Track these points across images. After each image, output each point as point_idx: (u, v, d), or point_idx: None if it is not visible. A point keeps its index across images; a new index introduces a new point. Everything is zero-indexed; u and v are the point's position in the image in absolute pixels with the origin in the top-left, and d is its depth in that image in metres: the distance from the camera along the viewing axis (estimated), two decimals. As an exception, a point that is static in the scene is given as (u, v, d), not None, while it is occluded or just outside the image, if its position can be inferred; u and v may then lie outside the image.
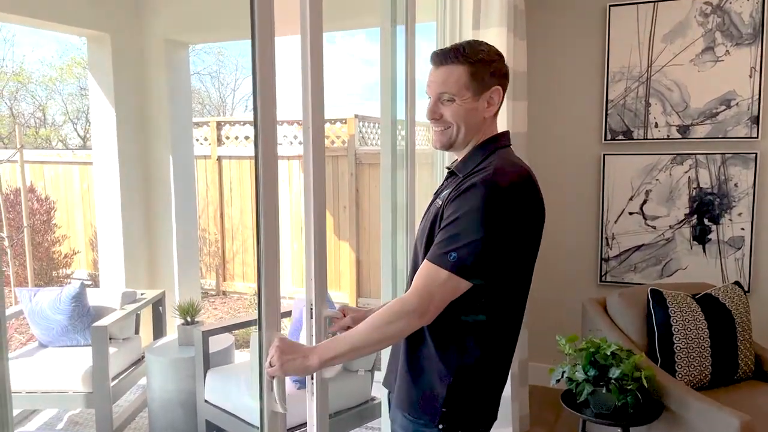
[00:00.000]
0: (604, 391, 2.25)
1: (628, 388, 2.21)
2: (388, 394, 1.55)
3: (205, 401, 3.06)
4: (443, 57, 1.39)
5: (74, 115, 13.56)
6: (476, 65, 1.36)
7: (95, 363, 3.11)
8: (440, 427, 1.35)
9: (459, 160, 1.45)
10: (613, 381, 2.22)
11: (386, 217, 2.21)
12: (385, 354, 2.08)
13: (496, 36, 2.50)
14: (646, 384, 2.19)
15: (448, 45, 2.10)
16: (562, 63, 3.50)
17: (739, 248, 3.21)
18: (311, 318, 1.47)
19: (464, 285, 1.27)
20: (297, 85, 1.61)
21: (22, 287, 3.55)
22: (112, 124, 4.21)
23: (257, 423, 2.73)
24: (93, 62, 4.24)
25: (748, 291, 3.21)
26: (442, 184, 1.49)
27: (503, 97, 1.42)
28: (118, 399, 3.48)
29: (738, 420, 2.05)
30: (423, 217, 1.48)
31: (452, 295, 1.29)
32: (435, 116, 1.40)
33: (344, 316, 1.53)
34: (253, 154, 1.28)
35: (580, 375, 2.28)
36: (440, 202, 1.37)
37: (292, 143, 6.29)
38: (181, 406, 3.19)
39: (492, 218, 1.26)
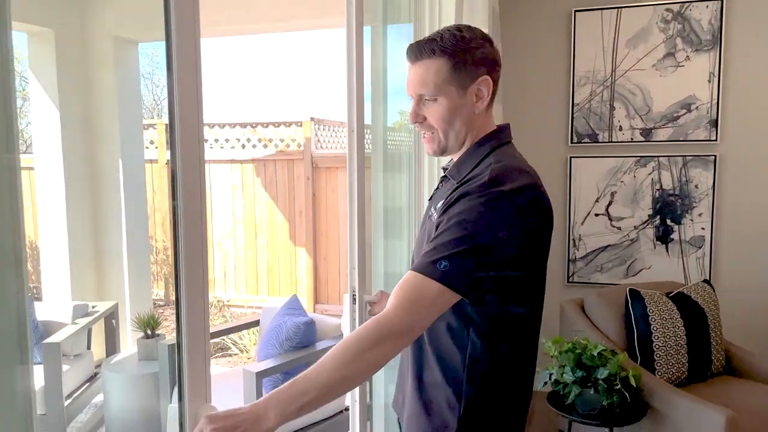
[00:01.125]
0: (591, 391, 2.26)
1: (616, 387, 2.22)
2: (398, 418, 1.42)
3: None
4: (418, 51, 1.21)
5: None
6: (457, 55, 1.19)
7: (47, 382, 2.88)
8: None
9: (454, 161, 1.30)
10: (600, 381, 2.23)
11: (378, 222, 2.14)
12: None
13: (476, 37, 2.48)
14: (634, 383, 2.21)
15: None
16: (529, 67, 3.53)
17: (700, 247, 3.33)
18: (354, 303, 1.37)
19: (454, 298, 1.10)
20: (246, 89, 1.51)
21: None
22: (56, 125, 3.94)
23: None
24: (34, 60, 3.96)
25: (709, 288, 3.33)
26: (436, 188, 1.36)
27: (496, 87, 1.24)
28: (72, 420, 3.24)
29: (723, 416, 2.10)
30: (420, 228, 1.35)
31: (441, 310, 1.12)
32: (418, 119, 1.24)
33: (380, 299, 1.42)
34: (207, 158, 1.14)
35: (568, 377, 2.28)
36: (436, 216, 1.19)
37: (245, 146, 6.11)
38: (144, 426, 3.00)
39: (486, 224, 1.09)
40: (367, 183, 2.11)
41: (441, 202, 1.20)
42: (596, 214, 3.48)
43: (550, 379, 2.34)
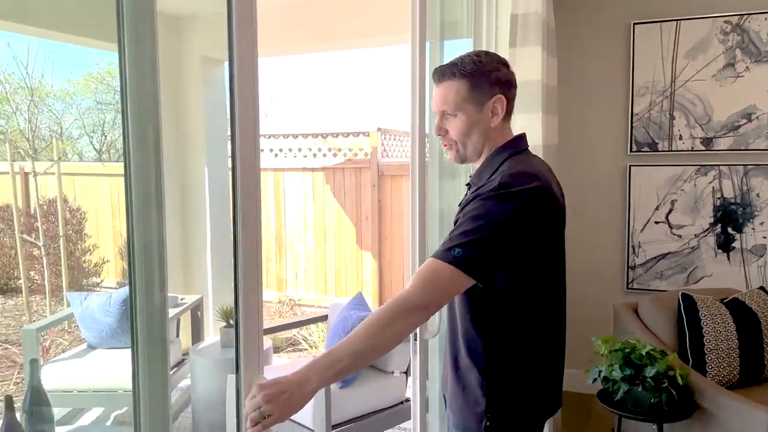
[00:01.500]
0: (639, 389, 2.37)
1: (663, 386, 2.32)
2: (444, 396, 1.62)
3: (250, 401, 3.19)
4: (441, 74, 1.41)
5: (90, 128, 13.84)
6: (474, 77, 1.37)
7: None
8: (487, 424, 1.40)
9: (475, 171, 1.47)
10: (648, 379, 2.34)
11: (434, 226, 2.35)
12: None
13: (531, 54, 2.66)
14: (681, 382, 2.31)
15: None
16: (589, 78, 3.65)
17: (761, 256, 3.33)
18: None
19: (466, 281, 1.25)
20: (318, 102, 1.74)
21: (73, 292, 3.71)
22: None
23: (302, 421, 2.86)
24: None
25: (772, 297, 3.32)
26: (464, 197, 1.50)
27: (510, 105, 1.41)
28: (162, 400, 3.62)
29: (769, 416, 2.16)
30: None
31: (456, 291, 1.29)
32: (441, 132, 1.44)
33: None
34: (275, 166, 1.31)
35: (616, 374, 2.40)
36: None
37: (316, 156, 6.46)
38: (224, 405, 3.33)
39: (495, 218, 1.25)
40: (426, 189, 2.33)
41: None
42: (656, 222, 3.54)
43: (599, 376, 2.46)
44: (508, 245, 1.26)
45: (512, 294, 1.35)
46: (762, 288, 2.84)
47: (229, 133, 1.26)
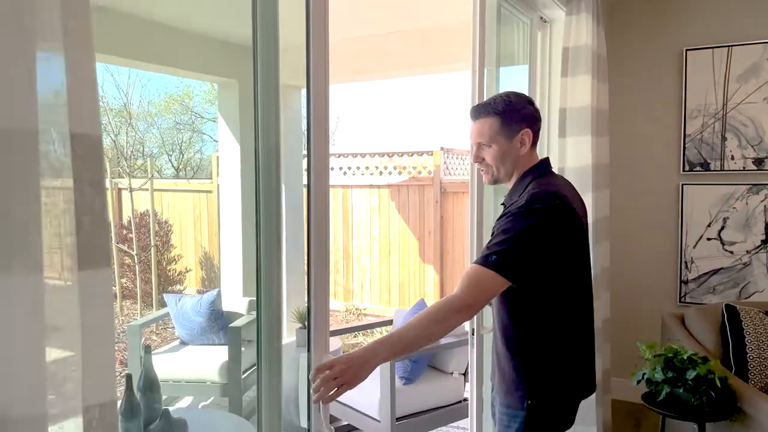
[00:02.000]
0: (681, 390, 2.56)
1: (702, 389, 2.51)
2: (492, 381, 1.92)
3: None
4: (477, 112, 1.70)
5: (169, 147, 14.85)
6: (504, 114, 1.65)
7: (231, 357, 3.68)
8: (528, 403, 1.68)
9: (508, 192, 1.76)
10: (689, 381, 2.53)
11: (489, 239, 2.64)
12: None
13: (582, 82, 2.92)
14: (719, 384, 2.48)
15: (529, 89, 2.60)
16: (644, 102, 3.85)
17: (816, 273, 3.41)
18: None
19: (503, 282, 1.50)
20: (385, 123, 2.08)
21: (169, 293, 4.21)
22: (236, 157, 4.89)
23: (369, 412, 3.19)
24: (223, 104, 4.96)
25: (826, 313, 3.40)
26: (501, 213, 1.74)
27: (536, 136, 1.70)
28: (245, 392, 4.04)
29: (806, 418, 2.31)
30: None
31: (495, 291, 1.53)
32: (477, 160, 1.72)
33: None
34: (344, 183, 1.56)
35: (659, 376, 2.60)
36: None
37: (382, 173, 6.85)
38: (297, 399, 3.70)
39: (523, 230, 1.52)
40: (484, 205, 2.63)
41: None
42: (708, 239, 3.68)
43: (642, 378, 2.66)
44: (535, 251, 1.53)
45: (541, 292, 1.62)
46: (809, 302, 2.96)
47: (304, 152, 1.54)
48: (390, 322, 3.98)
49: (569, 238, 1.62)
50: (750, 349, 2.74)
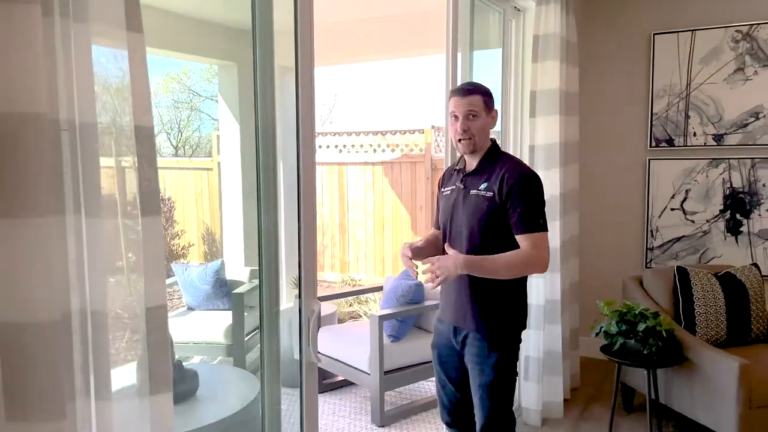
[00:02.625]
0: (633, 341, 2.91)
1: (651, 339, 2.85)
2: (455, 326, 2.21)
3: (318, 352, 3.90)
4: (468, 89, 2.07)
5: (168, 126, 15.06)
6: (486, 94, 2.07)
7: (234, 321, 4.02)
8: (510, 332, 2.11)
9: (476, 162, 2.09)
10: (640, 333, 2.88)
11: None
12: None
13: (551, 67, 3.20)
14: (664, 334, 2.83)
15: (512, 72, 2.96)
16: (614, 83, 4.14)
17: (767, 239, 3.74)
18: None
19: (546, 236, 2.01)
20: (379, 103, 2.42)
21: (176, 264, 4.54)
22: (236, 136, 5.19)
23: (361, 366, 3.53)
24: (223, 85, 5.24)
25: (775, 276, 3.74)
26: (466, 175, 2.11)
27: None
28: (248, 353, 4.40)
29: (737, 363, 2.66)
30: (457, 202, 2.11)
31: (547, 245, 2.03)
32: (465, 128, 2.03)
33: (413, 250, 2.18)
34: (339, 161, 1.83)
35: (614, 329, 2.94)
36: (490, 193, 2.01)
37: (375, 151, 7.14)
38: (294, 357, 4.06)
39: (540, 196, 2.03)
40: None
41: (484, 185, 2.04)
42: (672, 209, 4.00)
43: (600, 330, 3.01)
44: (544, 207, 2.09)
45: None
46: (755, 264, 3.29)
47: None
48: (380, 288, 4.32)
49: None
50: (698, 305, 3.08)
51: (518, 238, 1.99)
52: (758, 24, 3.67)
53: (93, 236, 0.92)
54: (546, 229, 2.01)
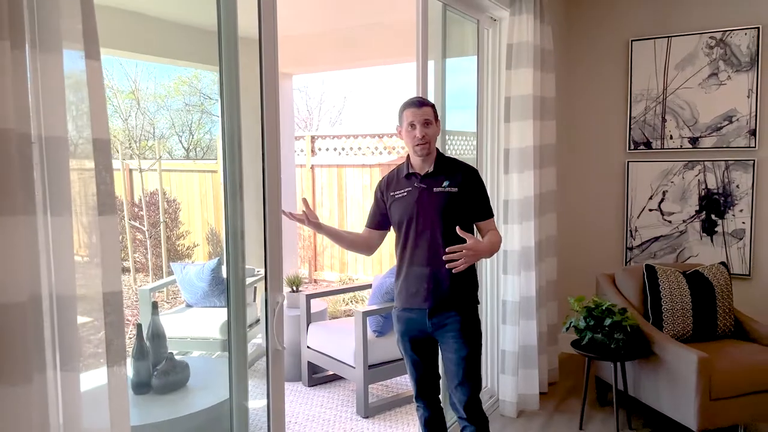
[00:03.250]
0: (600, 336, 3.05)
1: (616, 334, 2.99)
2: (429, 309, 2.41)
3: (308, 347, 4.08)
4: (421, 102, 2.35)
5: (180, 128, 15.34)
6: (433, 107, 2.38)
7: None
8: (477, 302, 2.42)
9: (428, 165, 2.34)
10: (606, 328, 3.02)
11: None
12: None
13: (524, 74, 3.35)
14: (629, 329, 2.97)
15: (488, 79, 3.18)
16: (593, 88, 4.28)
17: (741, 239, 3.86)
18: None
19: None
20: (376, 106, 2.64)
21: (175, 263, 4.74)
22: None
23: (347, 360, 3.69)
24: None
25: (749, 275, 3.85)
26: (418, 181, 2.34)
27: None
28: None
29: (696, 356, 2.79)
30: (421, 199, 2.32)
31: None
32: (423, 134, 2.29)
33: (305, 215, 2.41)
34: (338, 163, 1.98)
35: (582, 323, 3.09)
36: (454, 189, 2.30)
37: (373, 153, 7.31)
38: (289, 353, 4.23)
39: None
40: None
41: (446, 182, 2.30)
42: (650, 210, 4.13)
43: (570, 325, 3.15)
44: None
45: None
46: (722, 263, 3.41)
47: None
48: (369, 286, 4.48)
49: None
50: (665, 302, 3.21)
51: (484, 222, 2.40)
52: (731, 30, 3.80)
53: (58, 232, 1.10)
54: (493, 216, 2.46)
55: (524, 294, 3.42)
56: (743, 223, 3.85)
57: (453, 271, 2.19)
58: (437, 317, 2.35)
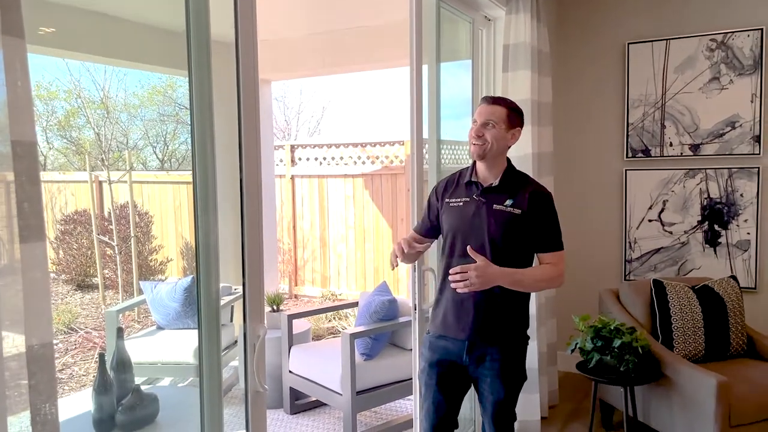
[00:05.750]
0: (608, 358, 2.82)
1: (627, 356, 2.76)
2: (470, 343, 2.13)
3: (290, 372, 3.78)
4: (493, 100, 2.11)
5: (154, 139, 14.91)
6: (512, 111, 2.10)
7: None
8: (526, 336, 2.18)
9: (493, 177, 2.09)
10: (615, 349, 2.78)
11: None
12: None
13: (522, 77, 3.14)
14: (641, 351, 2.74)
15: (482, 83, 2.91)
16: (589, 93, 4.08)
17: (746, 250, 3.68)
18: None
19: None
20: (358, 115, 2.35)
21: (145, 281, 4.41)
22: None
23: (332, 386, 3.41)
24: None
25: (755, 288, 3.67)
26: (478, 192, 2.09)
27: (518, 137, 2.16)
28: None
29: (715, 380, 2.57)
30: (478, 214, 2.07)
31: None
32: (479, 134, 2.05)
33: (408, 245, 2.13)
34: (320, 173, 1.75)
35: (589, 345, 2.85)
36: (517, 211, 2.04)
37: (356, 163, 7.05)
38: (270, 378, 3.93)
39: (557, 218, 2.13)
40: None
41: (509, 201, 2.05)
42: (650, 220, 3.94)
43: (575, 347, 2.91)
44: None
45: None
46: (733, 277, 3.21)
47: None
48: (356, 304, 4.20)
49: None
50: (675, 320, 3.00)
51: (544, 255, 2.09)
52: (733, 32, 3.64)
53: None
54: (563, 248, 2.12)
55: (524, 312, 3.17)
56: (748, 233, 3.67)
57: (457, 290, 1.94)
58: (477, 351, 2.09)
